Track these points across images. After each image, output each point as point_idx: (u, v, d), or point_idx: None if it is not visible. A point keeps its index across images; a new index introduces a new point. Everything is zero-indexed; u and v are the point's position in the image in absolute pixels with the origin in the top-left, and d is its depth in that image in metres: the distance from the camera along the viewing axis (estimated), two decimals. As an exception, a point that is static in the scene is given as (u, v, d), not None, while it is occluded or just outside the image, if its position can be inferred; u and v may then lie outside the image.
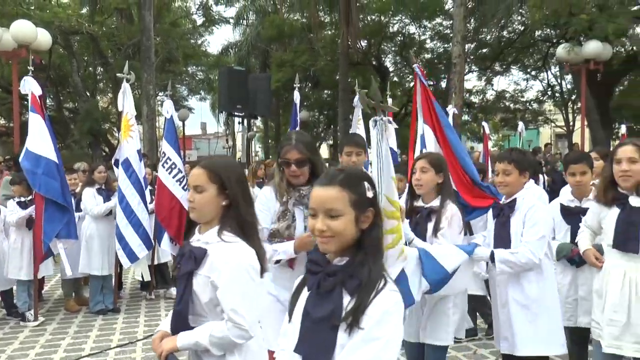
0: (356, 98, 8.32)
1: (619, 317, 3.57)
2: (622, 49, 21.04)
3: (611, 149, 17.21)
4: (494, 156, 13.02)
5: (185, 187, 7.59)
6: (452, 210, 3.82)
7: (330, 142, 32.68)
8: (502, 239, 3.93)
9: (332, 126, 30.14)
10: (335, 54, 22.00)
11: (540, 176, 13.90)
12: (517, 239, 3.86)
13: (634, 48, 18.18)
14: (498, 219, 4.01)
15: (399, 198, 5.60)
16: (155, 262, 8.32)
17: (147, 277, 8.15)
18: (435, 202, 3.89)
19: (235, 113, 11.34)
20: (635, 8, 17.22)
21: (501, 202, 4.08)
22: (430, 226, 3.82)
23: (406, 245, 3.44)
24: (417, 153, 7.49)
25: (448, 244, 3.70)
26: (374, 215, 1.93)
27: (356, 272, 1.86)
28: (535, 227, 3.82)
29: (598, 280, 3.83)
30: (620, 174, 3.60)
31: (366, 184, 1.94)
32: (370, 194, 1.93)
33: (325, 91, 28.37)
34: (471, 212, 5.12)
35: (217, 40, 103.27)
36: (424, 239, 3.81)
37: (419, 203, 3.98)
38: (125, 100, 7.73)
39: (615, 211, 3.68)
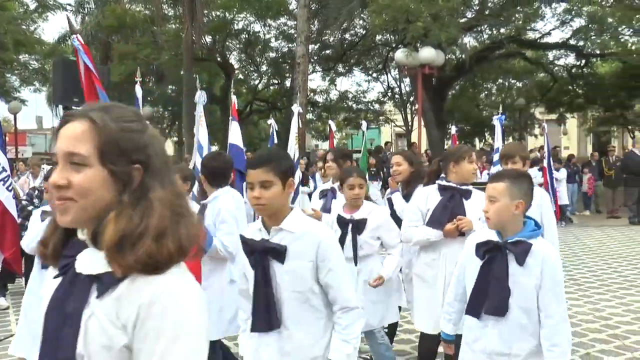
0: (197, 94, 8.21)
1: None
2: (454, 57, 22.57)
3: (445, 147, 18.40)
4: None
5: (9, 188, 6.52)
6: None
7: (175, 138, 32.00)
8: None
9: (176, 122, 29.51)
10: (179, 48, 21.53)
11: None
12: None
13: (463, 56, 19.54)
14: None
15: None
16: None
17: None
18: None
19: (72, 107, 10.76)
20: (463, 20, 18.56)
21: None
22: None
23: None
24: None
25: None
26: None
27: None
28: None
29: None
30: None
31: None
32: None
33: (170, 86, 27.70)
34: None
35: (53, 27, 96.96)
36: None
37: None
38: None
39: None
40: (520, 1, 18.32)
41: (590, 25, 18.48)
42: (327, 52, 26.34)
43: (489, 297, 2.83)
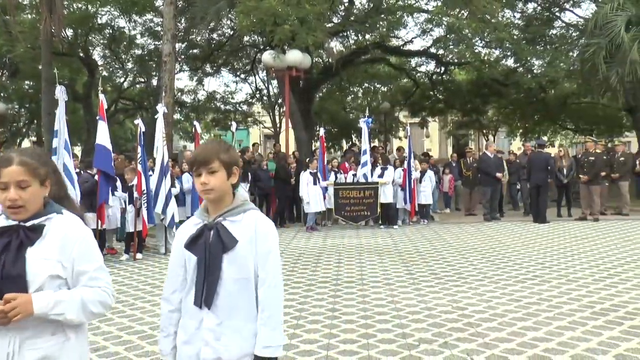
0: (57, 90, 7.84)
1: None
2: (321, 60, 23.06)
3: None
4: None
5: None
6: None
7: (34, 138, 30.20)
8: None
9: (35, 121, 27.84)
10: (37, 40, 20.32)
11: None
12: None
13: (330, 60, 20.01)
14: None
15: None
16: None
17: None
18: None
19: None
20: (329, 25, 19.01)
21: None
22: None
23: None
24: None
25: None
26: None
27: None
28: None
29: None
30: None
31: None
32: None
33: (27, 82, 26.09)
34: None
35: None
36: None
37: None
38: None
39: None
40: (384, 9, 19.07)
41: (448, 35, 19.58)
42: (195, 51, 25.96)
43: None
